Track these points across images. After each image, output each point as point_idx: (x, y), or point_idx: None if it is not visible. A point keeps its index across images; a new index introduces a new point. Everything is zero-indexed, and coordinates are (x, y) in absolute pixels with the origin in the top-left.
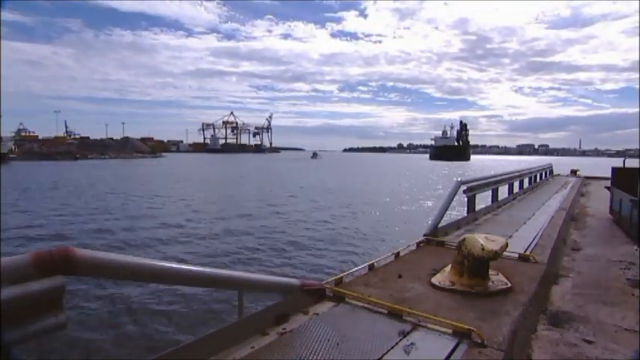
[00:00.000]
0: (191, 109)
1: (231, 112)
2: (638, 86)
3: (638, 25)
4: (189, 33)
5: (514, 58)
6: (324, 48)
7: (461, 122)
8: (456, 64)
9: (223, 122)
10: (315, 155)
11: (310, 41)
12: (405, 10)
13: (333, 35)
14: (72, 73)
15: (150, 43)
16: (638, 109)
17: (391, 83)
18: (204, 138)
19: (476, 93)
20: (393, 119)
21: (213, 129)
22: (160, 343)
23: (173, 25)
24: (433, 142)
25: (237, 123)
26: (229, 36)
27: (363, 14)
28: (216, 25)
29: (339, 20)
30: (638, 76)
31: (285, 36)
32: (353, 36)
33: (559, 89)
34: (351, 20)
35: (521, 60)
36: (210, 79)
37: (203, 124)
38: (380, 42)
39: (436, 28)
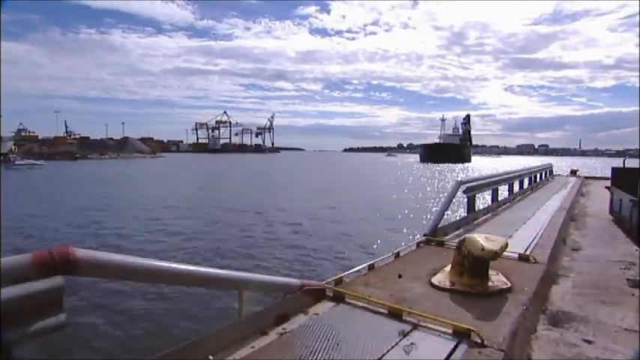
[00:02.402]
0: (184, 108)
1: (225, 112)
2: (629, 84)
3: (620, 21)
4: (158, 31)
5: (495, 56)
6: (298, 45)
7: (468, 116)
8: (437, 61)
9: (216, 122)
10: (389, 154)
11: (284, 39)
12: (368, 4)
13: (304, 32)
14: (50, 72)
15: (120, 41)
16: (631, 109)
17: (376, 81)
18: (198, 138)
19: (464, 91)
20: (387, 119)
21: (207, 128)
22: (160, 342)
23: (140, 22)
24: (441, 141)
25: (230, 122)
26: (200, 34)
27: (325, 10)
28: (186, 24)
29: (306, 17)
30: (627, 73)
31: (257, 34)
32: (324, 33)
33: (550, 88)
34: (315, 15)
35: (504, 57)
36: (192, 78)
37: (196, 123)
38: (353, 39)
39: (406, 24)
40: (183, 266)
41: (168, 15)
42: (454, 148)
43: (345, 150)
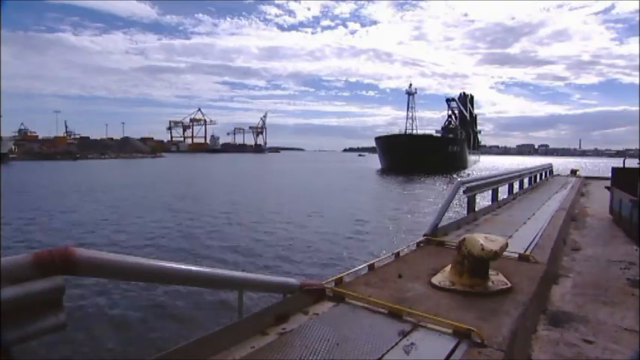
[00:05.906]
0: (175, 108)
1: (199, 109)
2: (617, 82)
3: (597, 15)
4: (111, 27)
5: (467, 52)
6: (259, 42)
7: (468, 96)
8: (408, 58)
9: (190, 120)
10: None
11: (241, 34)
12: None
13: (259, 27)
14: (16, 70)
15: (74, 38)
16: (621, 107)
17: (354, 79)
18: (172, 137)
19: (447, 88)
20: (377, 118)
21: (182, 126)
22: (160, 343)
23: (88, 18)
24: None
25: (205, 120)
26: (157, 30)
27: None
28: (149, 20)
29: (250, 10)
30: (610, 70)
31: (215, 31)
32: (281, 27)
33: (537, 86)
34: (258, 6)
35: (475, 53)
36: (164, 75)
37: (170, 122)
38: (313, 33)
39: (359, 17)
40: (183, 266)
41: (127, 10)
42: (438, 145)
43: (345, 150)
